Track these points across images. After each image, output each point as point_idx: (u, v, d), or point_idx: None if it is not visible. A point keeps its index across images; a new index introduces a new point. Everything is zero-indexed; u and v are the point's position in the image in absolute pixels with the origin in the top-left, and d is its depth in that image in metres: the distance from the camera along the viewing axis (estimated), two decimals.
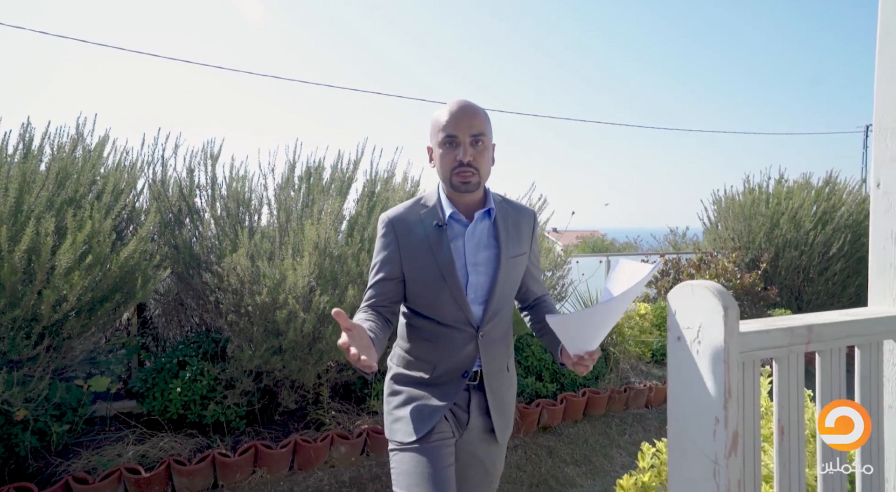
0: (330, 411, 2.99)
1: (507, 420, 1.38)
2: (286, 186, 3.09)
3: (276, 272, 2.39)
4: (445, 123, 1.22)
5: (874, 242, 1.35)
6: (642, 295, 5.37)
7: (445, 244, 1.24)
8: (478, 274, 1.27)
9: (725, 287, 5.00)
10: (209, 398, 2.72)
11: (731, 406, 0.92)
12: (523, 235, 1.37)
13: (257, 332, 2.47)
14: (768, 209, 5.85)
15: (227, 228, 2.81)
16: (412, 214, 1.29)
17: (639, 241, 13.25)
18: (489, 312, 1.28)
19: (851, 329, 1.16)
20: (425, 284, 1.25)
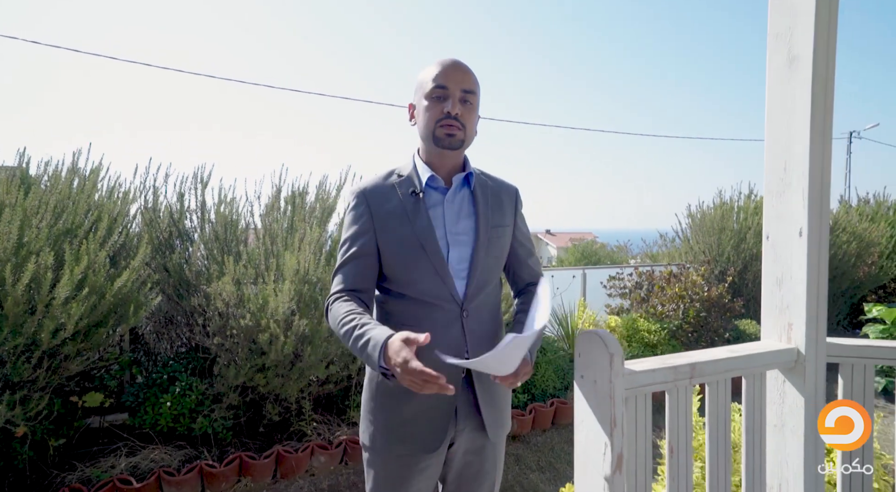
0: (311, 423, 3.19)
1: (500, 416, 1.28)
2: (271, 210, 3.30)
3: (259, 297, 2.60)
4: (436, 75, 1.15)
5: (765, 286, 1.59)
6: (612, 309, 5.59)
7: (423, 212, 1.17)
8: (459, 245, 1.19)
9: (692, 300, 5.28)
10: (197, 412, 2.91)
11: (616, 433, 1.15)
12: (505, 208, 1.29)
13: (242, 351, 2.67)
14: (737, 224, 6.13)
15: (215, 252, 3.00)
16: (385, 183, 1.21)
17: (629, 244, 13.52)
18: (472, 286, 1.18)
19: (731, 364, 1.39)
20: (403, 257, 1.16)
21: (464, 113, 1.16)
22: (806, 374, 1.47)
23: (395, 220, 1.17)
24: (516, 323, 1.27)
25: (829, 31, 1.43)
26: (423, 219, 1.16)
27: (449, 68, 1.16)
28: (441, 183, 1.22)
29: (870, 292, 6.60)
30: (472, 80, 1.18)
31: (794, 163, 1.47)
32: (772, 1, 1.53)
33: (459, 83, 1.16)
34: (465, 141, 1.19)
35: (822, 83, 1.44)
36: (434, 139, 1.17)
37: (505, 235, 1.28)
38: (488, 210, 1.23)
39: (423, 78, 1.19)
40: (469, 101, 1.17)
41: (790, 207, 1.49)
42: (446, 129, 1.15)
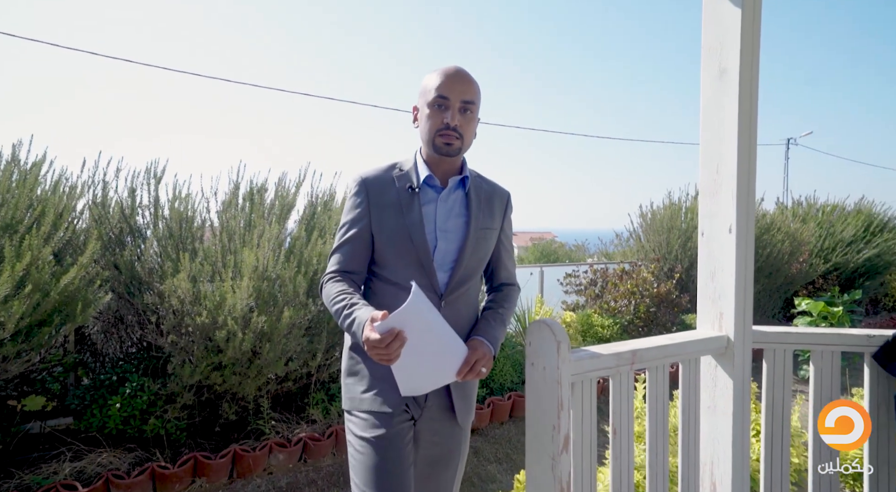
0: (270, 421, 3.16)
1: (468, 402, 1.36)
2: (229, 206, 3.24)
3: (217, 294, 2.56)
4: (439, 85, 1.22)
5: (700, 279, 1.72)
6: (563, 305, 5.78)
7: (416, 207, 1.25)
8: (446, 241, 1.28)
9: (643, 296, 5.54)
10: (149, 413, 2.83)
11: (563, 416, 1.23)
12: (495, 211, 1.38)
13: (198, 350, 2.62)
14: (684, 223, 6.47)
15: (169, 249, 2.92)
16: (386, 175, 1.30)
17: (586, 243, 13.96)
18: (454, 279, 1.28)
19: (670, 351, 1.50)
20: (392, 245, 1.25)
21: (462, 123, 1.24)
22: (735, 359, 1.61)
23: (390, 211, 1.26)
24: (482, 319, 1.36)
25: (753, 48, 1.58)
26: (415, 213, 1.25)
27: (451, 79, 1.23)
28: (437, 182, 1.30)
29: (801, 287, 7.11)
30: (474, 91, 1.26)
31: (724, 166, 1.61)
32: (705, 17, 1.67)
33: (460, 94, 1.23)
34: (463, 149, 1.28)
35: (748, 94, 1.58)
36: (433, 147, 1.25)
37: (491, 238, 1.37)
38: (479, 212, 1.32)
39: (427, 85, 1.26)
40: (469, 110, 1.25)
41: (721, 206, 1.63)
42: (445, 138, 1.23)
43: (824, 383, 1.69)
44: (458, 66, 1.26)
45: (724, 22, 1.60)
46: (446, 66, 1.25)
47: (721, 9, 1.61)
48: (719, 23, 1.62)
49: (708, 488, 1.66)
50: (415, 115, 1.32)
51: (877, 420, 1.68)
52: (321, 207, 3.39)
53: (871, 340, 1.68)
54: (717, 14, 1.62)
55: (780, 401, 1.69)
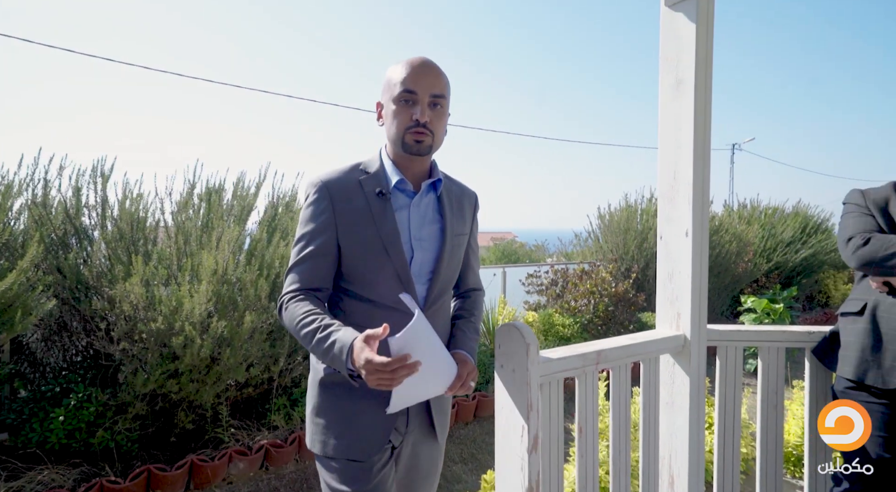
0: (229, 429, 3.05)
1: (445, 418, 1.30)
2: (185, 207, 3.11)
3: (173, 299, 2.45)
4: (405, 78, 1.11)
5: (659, 281, 1.80)
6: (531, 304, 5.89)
7: (390, 215, 1.14)
8: (422, 250, 1.17)
9: (601, 295, 5.71)
10: (97, 425, 2.68)
11: (532, 416, 1.26)
12: (466, 215, 1.29)
13: (152, 357, 2.50)
14: (640, 224, 6.72)
15: (119, 252, 2.78)
16: (349, 178, 1.16)
17: (546, 243, 14.27)
18: (433, 292, 1.18)
19: (632, 350, 1.56)
20: (365, 259, 1.13)
21: (433, 119, 1.13)
22: (691, 357, 1.69)
23: (360, 220, 1.13)
24: (458, 330, 1.27)
25: (706, 61, 1.66)
26: (389, 222, 1.13)
27: (418, 71, 1.11)
28: (409, 187, 1.18)
29: (747, 286, 7.54)
30: (443, 84, 1.14)
31: (681, 173, 1.69)
32: (662, 30, 1.74)
33: (429, 88, 1.11)
34: (434, 146, 1.17)
35: (703, 104, 1.66)
36: (403, 146, 1.14)
37: (464, 244, 1.28)
38: (453, 217, 1.23)
39: (392, 78, 1.13)
40: (439, 104, 1.14)
41: (679, 211, 1.71)
42: (415, 135, 1.12)
43: (770, 377, 1.80)
44: (424, 57, 1.14)
45: (680, 36, 1.68)
46: (412, 58, 1.13)
47: (677, 23, 1.69)
48: (676, 36, 1.70)
49: (667, 480, 1.74)
50: (379, 113, 1.20)
51: (815, 409, 1.81)
52: (283, 207, 3.31)
53: (811, 337, 1.80)
54: (674, 28, 1.70)
55: (731, 396, 1.79)
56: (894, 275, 1.54)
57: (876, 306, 1.59)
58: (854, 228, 1.64)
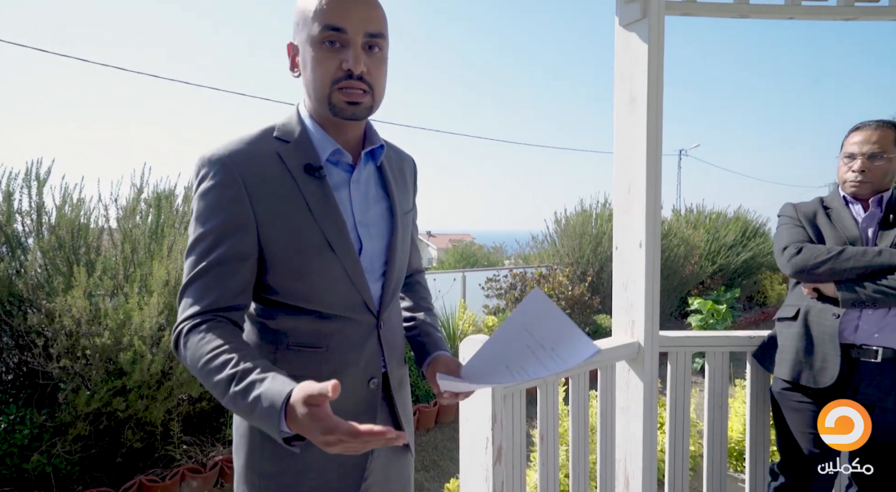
0: (181, 446, 2.92)
1: (412, 425, 1.08)
2: (132, 213, 2.95)
3: (120, 312, 2.32)
4: (327, 7, 0.80)
5: (615, 290, 1.87)
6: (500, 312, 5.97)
7: (329, 197, 0.86)
8: (371, 238, 0.92)
9: (559, 299, 5.86)
10: (32, 449, 2.50)
11: (496, 428, 1.28)
12: (409, 186, 1.05)
13: (97, 374, 2.36)
14: (595, 229, 6.95)
15: (58, 262, 2.60)
16: (263, 151, 0.85)
17: (504, 246, 14.49)
18: (389, 288, 0.95)
19: (592, 359, 1.62)
20: (303, 259, 0.85)
21: (371, 68, 0.83)
22: (645, 363, 1.77)
23: (289, 207, 0.84)
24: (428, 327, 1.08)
25: (658, 79, 1.75)
26: (329, 207, 0.86)
27: (345, 1, 0.81)
28: (348, 158, 0.91)
29: (693, 287, 7.93)
30: (381, 17, 0.85)
31: (635, 186, 1.77)
32: (617, 47, 1.82)
33: (363, 23, 0.82)
34: (374, 107, 0.87)
35: (655, 121, 1.74)
36: (330, 107, 0.84)
37: (412, 222, 1.05)
38: (399, 193, 0.98)
39: (308, 10, 0.82)
40: (377, 46, 0.84)
41: (633, 223, 1.78)
42: (348, 95, 0.83)
43: (716, 379, 1.92)
44: None
45: (633, 54, 1.76)
46: None
47: (630, 42, 1.77)
48: (629, 55, 1.78)
49: (622, 482, 1.81)
50: (293, 59, 0.88)
51: (755, 408, 1.93)
52: None
53: (751, 341, 1.92)
54: (628, 47, 1.78)
55: (681, 399, 1.88)
56: (823, 282, 1.66)
57: (808, 312, 1.71)
58: (788, 238, 1.77)
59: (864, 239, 1.66)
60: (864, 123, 1.69)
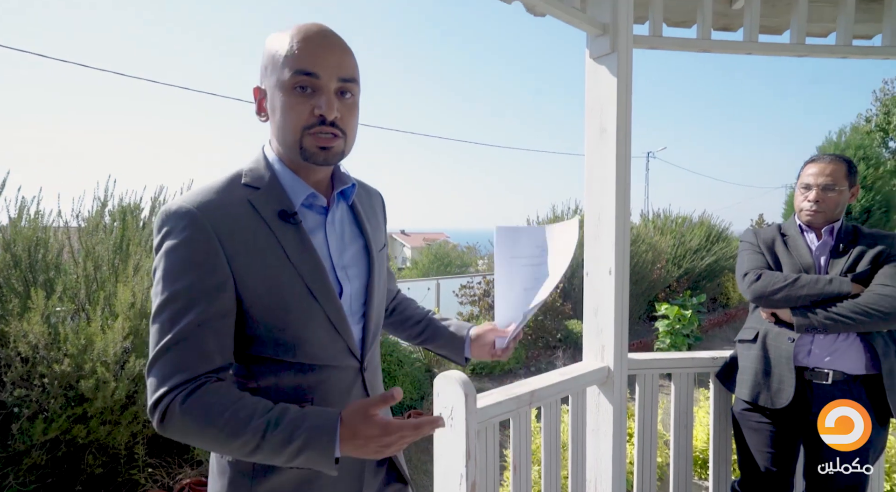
0: (146, 469, 2.84)
1: (402, 456, 1.05)
2: (95, 229, 2.85)
3: (82, 337, 2.24)
4: (299, 53, 0.79)
5: (586, 315, 1.92)
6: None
7: (306, 243, 0.84)
8: (349, 280, 0.91)
9: None
10: None
11: (469, 464, 1.30)
12: (381, 222, 1.05)
13: (55, 403, 2.27)
14: None
15: (13, 282, 2.49)
16: (233, 200, 0.82)
17: (478, 245, 14.59)
18: (370, 330, 0.93)
19: (562, 387, 1.66)
20: (284, 310, 0.83)
21: (343, 113, 0.83)
22: (614, 386, 1.82)
23: (266, 257, 0.81)
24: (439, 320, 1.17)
25: (626, 112, 1.80)
26: (308, 254, 0.84)
27: (319, 46, 0.80)
28: (322, 201, 0.89)
29: (660, 291, 8.17)
30: (353, 63, 0.84)
31: (605, 216, 1.81)
32: (587, 79, 1.86)
33: (335, 69, 0.81)
34: (346, 151, 0.86)
35: (624, 152, 1.79)
36: (301, 152, 0.83)
37: (386, 258, 1.04)
38: (371, 229, 0.98)
39: (278, 54, 0.81)
40: (349, 92, 0.84)
41: (603, 251, 1.83)
42: (320, 140, 0.81)
43: (682, 399, 1.99)
44: (321, 25, 0.83)
45: (603, 86, 1.81)
46: (304, 25, 0.82)
47: (600, 75, 1.82)
48: (599, 87, 1.82)
49: None
50: (260, 103, 0.87)
51: (718, 425, 2.02)
52: None
53: (714, 362, 2.00)
54: (598, 79, 1.82)
55: (648, 418, 1.95)
56: (780, 307, 1.75)
57: (766, 335, 1.80)
58: (749, 264, 1.85)
59: (817, 267, 1.76)
60: (819, 156, 1.79)
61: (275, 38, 0.83)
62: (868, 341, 1.64)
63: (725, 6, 2.10)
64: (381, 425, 0.74)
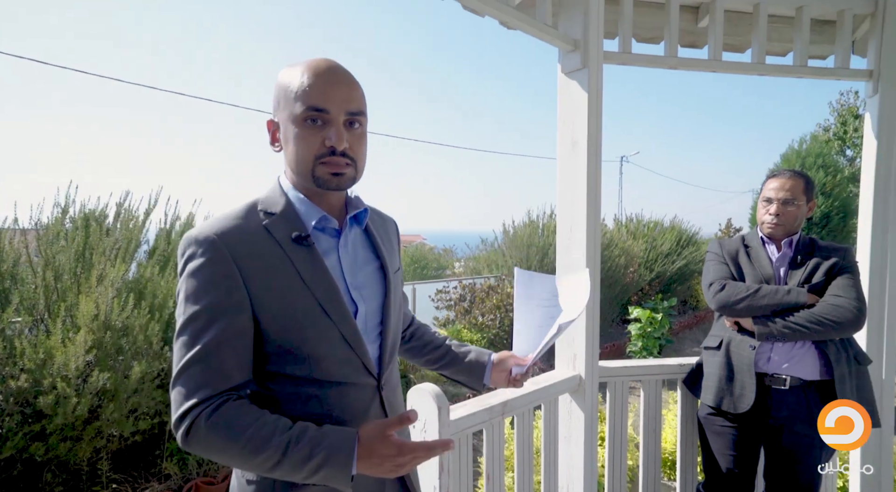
0: (110, 485, 2.75)
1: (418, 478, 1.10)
2: (56, 237, 2.74)
3: (40, 350, 2.15)
4: (310, 89, 0.85)
5: None
6: None
7: (319, 265, 0.89)
8: (364, 300, 0.95)
9: (507, 310, 5.97)
10: None
11: (443, 477, 1.30)
12: (394, 245, 1.10)
13: (11, 420, 2.17)
14: (542, 239, 7.17)
15: None
16: (249, 226, 0.87)
17: (454, 248, 14.62)
18: (387, 348, 0.97)
19: (534, 396, 1.68)
20: (300, 329, 0.87)
21: (352, 143, 0.89)
22: (585, 394, 1.85)
23: (280, 279, 0.86)
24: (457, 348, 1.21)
25: (597, 125, 1.84)
26: (321, 275, 0.88)
27: (327, 82, 0.86)
28: (334, 224, 0.94)
29: (633, 295, 8.35)
30: (360, 95, 0.90)
31: (576, 227, 1.85)
32: (559, 93, 1.90)
33: (344, 103, 0.87)
34: (356, 177, 0.92)
35: (594, 165, 1.84)
36: (315, 180, 0.88)
37: (401, 280, 1.09)
38: (386, 251, 1.02)
39: (290, 89, 0.87)
40: (357, 122, 0.89)
41: (574, 261, 1.87)
42: (330, 167, 0.87)
43: (650, 405, 2.04)
44: (330, 61, 0.89)
45: (574, 101, 1.84)
46: (313, 61, 0.88)
47: (572, 90, 1.85)
48: (571, 101, 1.86)
49: None
50: (273, 135, 0.93)
51: (684, 429, 2.08)
52: (178, 236, 3.05)
53: (682, 368, 2.06)
54: (569, 93, 1.86)
55: (619, 423, 1.99)
56: (742, 316, 1.81)
57: (729, 342, 1.86)
58: (714, 274, 1.91)
59: (777, 278, 1.83)
60: (780, 171, 1.87)
61: (286, 73, 0.89)
62: (822, 349, 1.71)
63: (692, 24, 2.17)
64: (396, 445, 0.78)
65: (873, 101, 2.11)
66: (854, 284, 1.73)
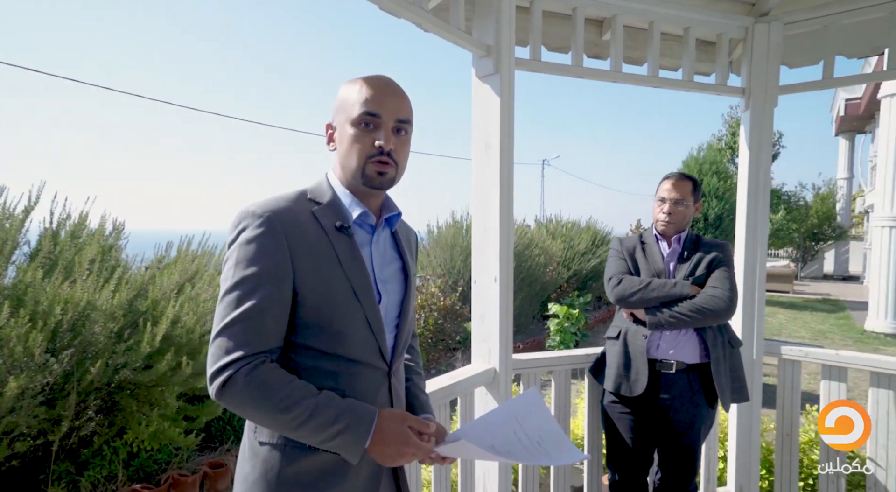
0: None
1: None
2: None
3: None
4: (367, 98, 1.00)
5: (474, 320, 2.01)
6: None
7: (356, 253, 1.02)
8: (387, 293, 1.07)
9: (431, 309, 6.04)
10: None
11: None
12: (414, 253, 1.22)
13: None
14: (465, 240, 7.32)
15: None
16: (300, 210, 1.00)
17: None
18: (401, 339, 1.09)
19: (452, 389, 1.73)
20: (333, 307, 0.98)
21: (397, 147, 1.02)
22: (500, 386, 1.93)
23: (322, 261, 0.97)
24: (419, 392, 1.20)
25: (509, 129, 1.92)
26: (357, 262, 1.01)
27: (382, 92, 1.01)
28: (371, 220, 1.07)
29: (552, 292, 8.78)
30: (408, 107, 1.05)
31: (490, 226, 1.92)
32: (473, 97, 1.96)
33: (394, 112, 1.01)
34: (397, 179, 1.05)
35: (507, 167, 1.92)
36: (363, 177, 1.01)
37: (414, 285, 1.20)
38: (408, 256, 1.14)
39: (349, 98, 1.02)
40: (404, 130, 1.04)
41: (488, 260, 1.94)
42: (378, 166, 1.00)
43: (561, 392, 2.17)
44: (387, 77, 1.05)
45: (487, 106, 1.92)
46: (372, 76, 1.03)
47: (485, 94, 1.92)
48: (484, 105, 1.93)
49: None
50: (330, 136, 1.07)
51: (591, 414, 2.23)
52: (68, 237, 2.76)
53: (588, 358, 2.21)
54: (483, 98, 1.93)
55: None
56: (636, 308, 1.99)
57: (627, 332, 2.03)
58: (613, 269, 2.08)
59: (667, 271, 2.02)
60: (673, 174, 2.07)
61: (347, 85, 1.04)
62: (701, 335, 1.93)
63: (596, 36, 2.34)
64: (408, 435, 0.93)
65: (746, 115, 2.40)
66: (729, 276, 1.96)
